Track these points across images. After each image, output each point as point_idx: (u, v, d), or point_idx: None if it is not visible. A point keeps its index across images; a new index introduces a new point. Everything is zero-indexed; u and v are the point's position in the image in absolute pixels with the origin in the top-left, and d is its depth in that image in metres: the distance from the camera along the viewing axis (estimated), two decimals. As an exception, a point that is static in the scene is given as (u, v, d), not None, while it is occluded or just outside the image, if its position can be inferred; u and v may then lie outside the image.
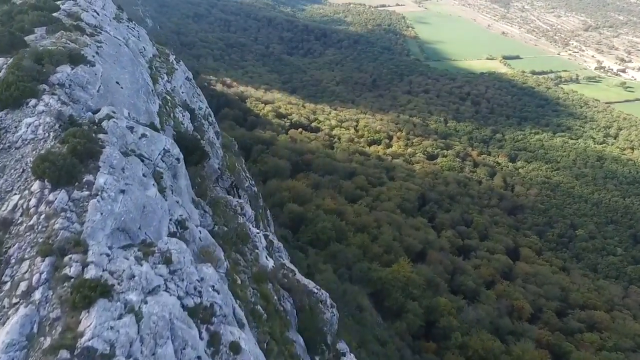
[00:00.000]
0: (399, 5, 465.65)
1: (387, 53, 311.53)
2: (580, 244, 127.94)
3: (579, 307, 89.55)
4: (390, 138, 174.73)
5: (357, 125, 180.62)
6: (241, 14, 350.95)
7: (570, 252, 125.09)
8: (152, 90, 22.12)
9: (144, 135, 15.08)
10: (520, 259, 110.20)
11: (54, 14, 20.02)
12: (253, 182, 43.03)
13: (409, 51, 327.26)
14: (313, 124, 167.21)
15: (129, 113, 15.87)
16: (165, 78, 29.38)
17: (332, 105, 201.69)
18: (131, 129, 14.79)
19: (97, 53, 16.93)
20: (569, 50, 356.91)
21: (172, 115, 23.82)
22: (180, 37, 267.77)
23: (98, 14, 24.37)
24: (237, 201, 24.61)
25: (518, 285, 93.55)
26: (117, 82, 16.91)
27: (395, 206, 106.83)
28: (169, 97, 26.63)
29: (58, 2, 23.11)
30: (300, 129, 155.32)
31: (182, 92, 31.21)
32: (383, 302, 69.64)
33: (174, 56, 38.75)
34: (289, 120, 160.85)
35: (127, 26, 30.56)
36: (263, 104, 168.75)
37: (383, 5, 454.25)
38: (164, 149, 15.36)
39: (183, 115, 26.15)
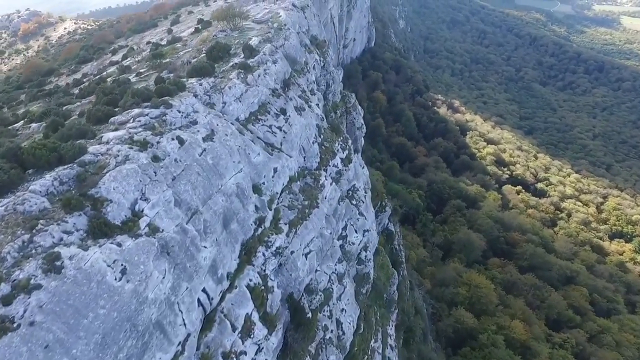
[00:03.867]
0: None
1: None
2: None
3: None
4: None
5: (602, 204, 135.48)
6: (502, 26, 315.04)
7: None
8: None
9: None
10: None
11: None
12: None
13: None
14: (539, 185, 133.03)
15: None
16: (280, 238, 17.35)
17: (576, 165, 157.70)
18: None
19: None
20: None
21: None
22: (426, 42, 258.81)
23: (194, 133, 14.26)
24: None
25: None
26: None
27: (622, 362, 72.11)
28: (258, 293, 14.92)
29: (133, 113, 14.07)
30: (519, 187, 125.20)
31: (305, 262, 18.63)
32: None
33: (346, 152, 26.53)
34: (509, 172, 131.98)
35: (269, 128, 19.78)
36: (485, 143, 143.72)
37: None
38: None
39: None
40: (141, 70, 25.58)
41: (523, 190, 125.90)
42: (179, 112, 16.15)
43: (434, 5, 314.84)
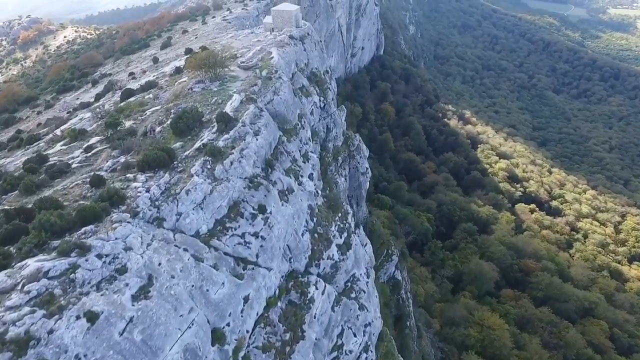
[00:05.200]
0: None
1: None
2: None
3: None
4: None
5: (620, 223, 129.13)
6: (514, 31, 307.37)
7: None
8: None
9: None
10: None
11: None
12: None
13: None
14: (554, 203, 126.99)
15: None
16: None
17: (592, 181, 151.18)
18: None
19: None
20: None
21: None
22: (437, 48, 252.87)
23: (118, 292, 9.92)
24: None
25: None
26: None
27: (647, 412, 66.98)
28: None
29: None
30: (533, 206, 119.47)
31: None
32: None
33: (345, 235, 21.90)
34: (522, 189, 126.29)
35: (241, 238, 15.17)
36: (497, 157, 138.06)
37: None
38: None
39: None
40: (93, 142, 21.24)
41: (537, 209, 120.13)
42: (101, 257, 11.72)
43: (445, 9, 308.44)
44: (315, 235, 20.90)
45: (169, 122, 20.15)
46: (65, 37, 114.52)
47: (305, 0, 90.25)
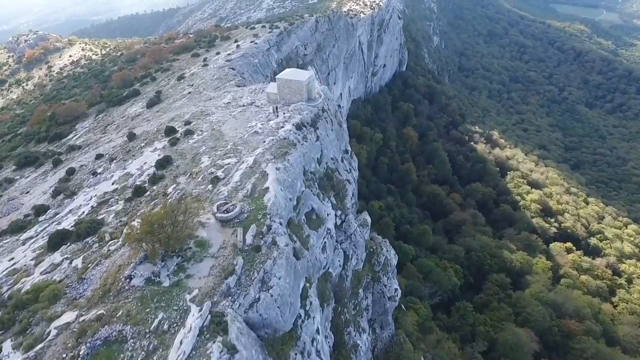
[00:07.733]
0: None
1: None
2: None
3: None
4: None
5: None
6: (543, 39, 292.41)
7: None
8: None
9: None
10: None
11: None
12: None
13: None
14: (592, 241, 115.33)
15: None
16: None
17: (633, 212, 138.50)
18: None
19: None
20: None
21: None
22: (461, 59, 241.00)
23: None
24: None
25: None
26: None
27: None
28: None
29: None
30: (569, 244, 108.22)
31: None
32: None
33: None
34: (557, 224, 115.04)
35: None
36: (529, 186, 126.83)
37: None
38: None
39: None
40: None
41: (574, 248, 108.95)
42: None
43: (470, 17, 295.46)
44: None
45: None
46: (70, 56, 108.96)
47: (324, 25, 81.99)
